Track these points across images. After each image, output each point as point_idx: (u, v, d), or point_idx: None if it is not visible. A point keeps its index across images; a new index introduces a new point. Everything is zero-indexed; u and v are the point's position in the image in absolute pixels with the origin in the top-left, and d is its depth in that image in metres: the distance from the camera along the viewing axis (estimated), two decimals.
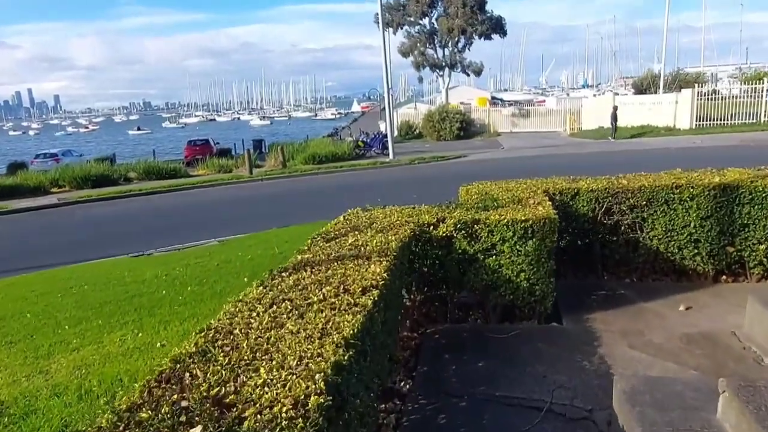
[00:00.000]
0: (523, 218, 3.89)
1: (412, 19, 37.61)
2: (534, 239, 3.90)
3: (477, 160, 23.15)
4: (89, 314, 5.83)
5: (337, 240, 3.71)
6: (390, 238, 3.61)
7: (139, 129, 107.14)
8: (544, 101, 54.54)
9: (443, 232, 4.00)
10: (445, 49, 38.78)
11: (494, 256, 3.99)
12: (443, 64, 38.99)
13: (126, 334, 4.90)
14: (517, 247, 3.92)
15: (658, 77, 38.51)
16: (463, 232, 3.99)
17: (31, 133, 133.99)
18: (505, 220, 3.90)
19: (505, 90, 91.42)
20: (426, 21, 38.20)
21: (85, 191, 19.83)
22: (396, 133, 37.31)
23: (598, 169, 18.28)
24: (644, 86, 41.81)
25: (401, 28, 38.24)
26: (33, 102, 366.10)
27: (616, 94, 40.38)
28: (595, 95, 59.79)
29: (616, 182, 4.90)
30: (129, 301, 6.28)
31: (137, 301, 6.21)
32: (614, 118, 27.37)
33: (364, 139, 28.38)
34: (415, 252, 4.08)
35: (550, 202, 4.34)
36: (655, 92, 35.58)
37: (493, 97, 58.04)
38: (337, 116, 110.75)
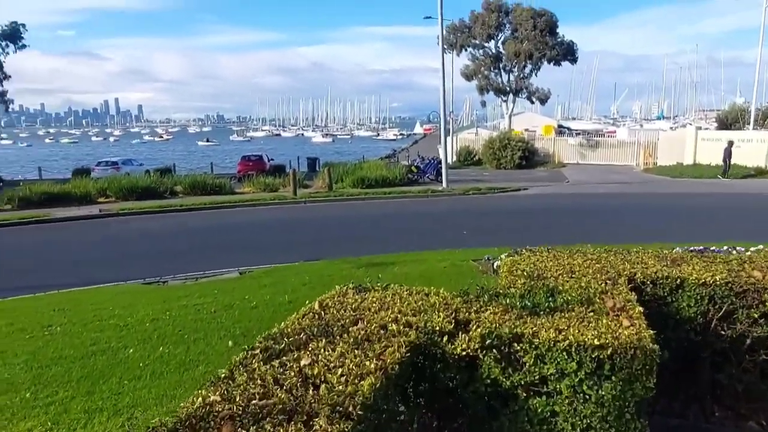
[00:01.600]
0: (596, 342, 2.35)
1: (477, 41, 36.22)
2: (614, 380, 2.34)
3: (537, 195, 21.20)
4: (27, 379, 4.73)
5: (284, 358, 2.31)
6: (369, 363, 2.18)
7: (207, 141, 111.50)
8: (615, 132, 51.39)
9: (463, 349, 2.51)
10: (511, 74, 37.04)
11: (544, 397, 2.45)
12: (507, 89, 37.23)
13: (33, 430, 3.71)
14: (584, 388, 2.37)
15: (746, 112, 35.05)
16: (496, 352, 2.48)
17: (111, 139, 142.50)
18: (566, 343, 2.37)
19: (573, 118, 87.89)
20: (492, 44, 36.71)
21: (128, 203, 19.57)
22: (455, 158, 35.80)
23: (679, 216, 15.95)
24: (730, 121, 38.25)
25: (465, 50, 36.91)
26: (118, 110, 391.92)
27: (699, 128, 37.10)
28: (671, 128, 55.91)
29: (743, 274, 3.23)
30: (85, 361, 5.15)
31: (92, 363, 5.06)
32: (728, 155, 24.15)
33: (418, 164, 27.02)
34: (417, 370, 2.61)
35: (640, 306, 2.75)
36: (743, 128, 32.24)
37: (559, 126, 55.50)
38: (399, 137, 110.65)
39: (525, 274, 3.23)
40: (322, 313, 2.85)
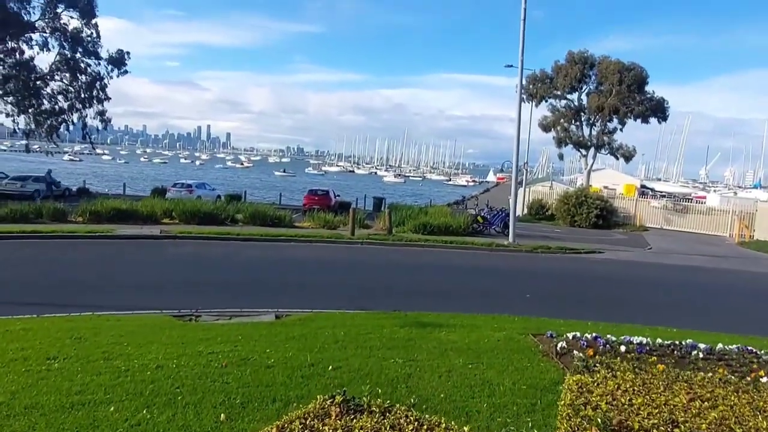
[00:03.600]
0: None
1: (558, 92, 34.92)
2: None
3: (614, 261, 19.25)
4: None
5: None
6: None
7: (284, 171, 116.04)
8: (705, 198, 47.58)
9: None
10: (593, 128, 35.24)
11: None
12: (588, 143, 35.40)
13: None
14: None
15: None
16: None
17: (198, 163, 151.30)
18: None
19: (658, 179, 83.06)
20: (574, 96, 35.25)
21: (189, 226, 19.69)
22: (525, 211, 34.16)
23: None
24: None
25: (545, 101, 35.67)
26: (209, 136, 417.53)
27: None
28: None
29: None
30: (57, 415, 4.46)
31: (60, 421, 4.35)
32: None
33: (485, 214, 25.73)
34: None
35: None
36: None
37: (642, 186, 52.39)
38: (471, 184, 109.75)
39: (599, 421, 2.11)
40: None
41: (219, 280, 12.80)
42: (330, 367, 6.13)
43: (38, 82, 31.42)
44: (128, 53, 33.94)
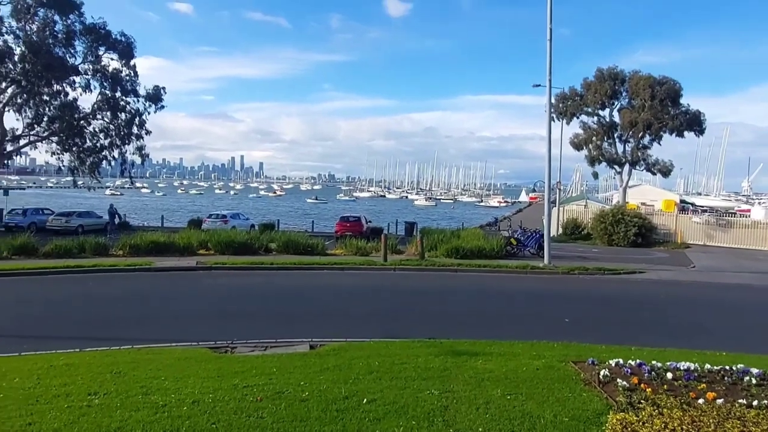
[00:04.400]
0: None
1: (589, 110, 34.44)
2: None
3: (656, 281, 18.56)
4: None
5: None
6: None
7: (316, 198, 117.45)
8: (749, 211, 45.65)
9: None
10: (626, 144, 34.53)
11: None
12: (623, 160, 34.64)
13: None
14: None
15: None
16: None
17: (232, 192, 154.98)
18: None
19: (698, 194, 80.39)
20: (606, 112, 34.71)
21: (224, 257, 20.05)
22: (560, 230, 33.48)
23: None
24: None
25: (577, 118, 35.20)
26: (243, 166, 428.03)
27: None
28: None
29: None
30: None
31: None
32: None
33: (519, 236, 25.30)
34: None
35: None
36: None
37: (682, 201, 50.78)
38: (503, 204, 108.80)
39: None
40: None
41: (254, 310, 12.91)
42: (365, 400, 6.05)
43: (81, 122, 32.92)
44: (164, 89, 35.30)
